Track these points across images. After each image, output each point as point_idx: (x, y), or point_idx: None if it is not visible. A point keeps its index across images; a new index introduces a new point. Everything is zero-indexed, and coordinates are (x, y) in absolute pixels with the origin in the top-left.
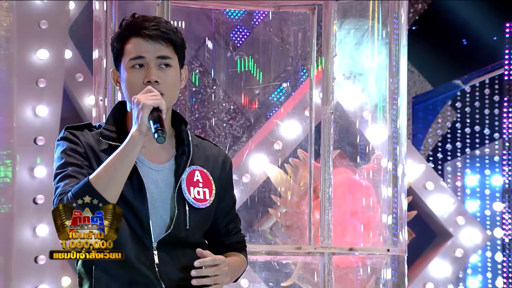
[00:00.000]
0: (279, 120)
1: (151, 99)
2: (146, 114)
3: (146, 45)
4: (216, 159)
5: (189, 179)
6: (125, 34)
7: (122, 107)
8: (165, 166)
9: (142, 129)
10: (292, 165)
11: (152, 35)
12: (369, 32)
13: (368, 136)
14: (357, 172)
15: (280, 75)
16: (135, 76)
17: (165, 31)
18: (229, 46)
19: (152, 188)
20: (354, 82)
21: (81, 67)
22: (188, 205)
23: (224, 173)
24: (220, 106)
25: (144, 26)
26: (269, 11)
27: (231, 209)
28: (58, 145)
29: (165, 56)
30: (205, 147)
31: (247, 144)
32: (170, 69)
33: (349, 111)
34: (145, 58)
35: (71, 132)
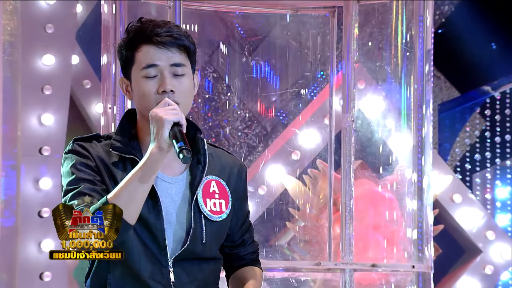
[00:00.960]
0: (297, 128)
1: (172, 114)
2: (167, 130)
3: (158, 52)
4: (231, 168)
5: (205, 191)
6: (135, 41)
7: (132, 115)
8: (179, 178)
9: (163, 146)
10: (311, 176)
11: (165, 42)
12: (392, 35)
13: (392, 145)
14: (380, 183)
15: (298, 81)
16: (148, 86)
17: (178, 36)
18: (244, 50)
19: (166, 202)
20: (376, 89)
21: (88, 73)
22: (205, 218)
23: (240, 182)
24: (235, 114)
25: (155, 33)
26: (287, 13)
27: (246, 219)
28: (67, 159)
29: (179, 64)
30: (219, 156)
31: (263, 154)
32: (184, 77)
33: (371, 119)
34: (158, 67)
35: (80, 145)
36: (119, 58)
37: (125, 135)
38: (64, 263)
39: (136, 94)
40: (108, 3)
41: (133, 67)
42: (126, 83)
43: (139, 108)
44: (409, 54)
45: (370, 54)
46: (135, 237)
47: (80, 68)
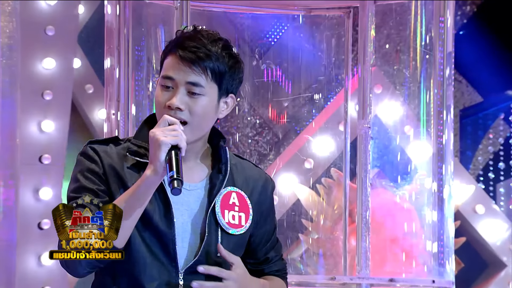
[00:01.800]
0: (311, 135)
1: (170, 136)
2: (163, 153)
3: (178, 66)
4: (256, 182)
5: (224, 201)
6: (168, 47)
7: (153, 120)
8: (198, 185)
9: (158, 169)
10: (325, 185)
11: (185, 58)
12: (411, 37)
13: (410, 153)
14: (398, 193)
15: (312, 85)
16: (162, 95)
17: (203, 56)
18: (255, 53)
19: (182, 210)
20: (394, 93)
21: (91, 78)
22: (221, 229)
23: (265, 197)
24: (245, 120)
25: (182, 45)
26: (299, 14)
27: (271, 236)
28: (77, 162)
29: (196, 83)
30: (244, 167)
31: (274, 162)
32: (200, 98)
33: (388, 125)
34: (175, 80)
35: (92, 148)
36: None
37: (144, 139)
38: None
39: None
40: (111, 4)
41: (161, 72)
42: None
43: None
44: (428, 57)
45: (387, 57)
46: (143, 246)
47: (82, 72)
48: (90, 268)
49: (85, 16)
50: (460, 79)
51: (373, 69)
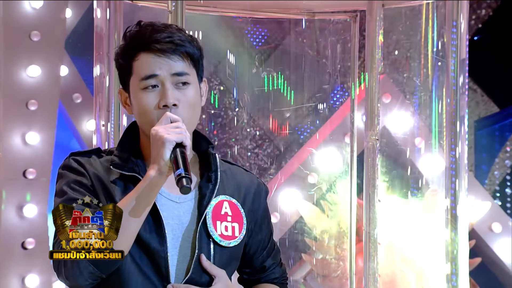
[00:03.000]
0: (314, 148)
1: (174, 133)
2: (167, 151)
3: (158, 61)
4: (248, 188)
5: (216, 212)
6: (132, 48)
7: (136, 128)
8: (188, 197)
9: (163, 169)
10: (330, 202)
11: (165, 49)
12: (422, 43)
13: (421, 167)
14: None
15: (315, 94)
16: (148, 99)
17: (180, 42)
18: (255, 60)
19: (173, 225)
20: (403, 103)
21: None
22: (214, 242)
23: (258, 204)
24: (244, 132)
25: (154, 39)
26: (302, 18)
27: (267, 243)
28: (61, 175)
29: (182, 73)
30: (234, 174)
31: (276, 177)
32: (189, 87)
33: (398, 137)
34: (159, 76)
35: (76, 160)
36: (117, 68)
37: (127, 150)
38: None
39: (135, 108)
40: (101, 7)
41: (131, 78)
42: (125, 95)
43: (139, 123)
44: (440, 64)
45: (396, 64)
46: (132, 265)
47: (70, 80)
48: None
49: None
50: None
51: (381, 77)
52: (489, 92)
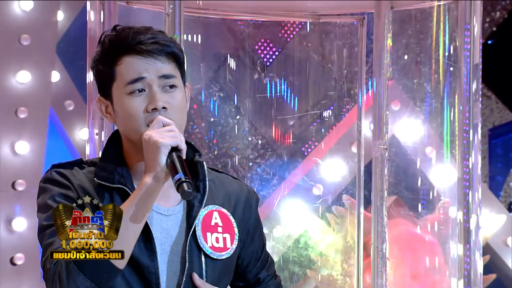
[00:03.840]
0: (319, 158)
1: (169, 137)
2: (164, 156)
3: (144, 63)
4: (238, 196)
5: (206, 223)
6: (113, 52)
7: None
8: (176, 209)
9: (160, 176)
10: (336, 215)
11: (151, 50)
12: (433, 47)
13: (432, 178)
14: (419, 224)
15: (321, 101)
16: (135, 103)
17: (165, 42)
18: (257, 65)
19: (161, 239)
20: (413, 110)
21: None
22: (205, 255)
23: (249, 212)
24: (245, 141)
25: (138, 40)
26: (307, 21)
27: (260, 254)
28: (43, 189)
29: (170, 75)
30: (222, 182)
31: (278, 188)
32: (176, 90)
33: (407, 146)
34: (146, 79)
35: (59, 172)
36: (95, 75)
37: (112, 161)
38: None
39: (120, 115)
40: (94, 10)
41: (113, 83)
42: (106, 103)
43: (124, 131)
44: (452, 69)
45: (406, 69)
46: (122, 283)
47: (62, 86)
48: None
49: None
50: (488, 94)
51: (390, 83)
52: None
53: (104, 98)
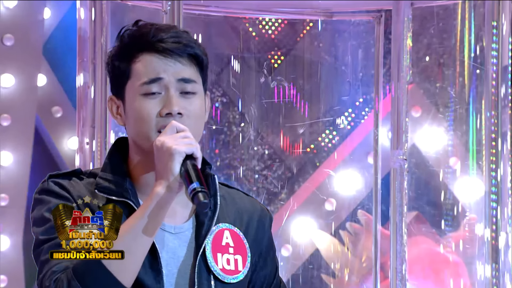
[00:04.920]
0: (332, 170)
1: (184, 144)
2: (177, 164)
3: (163, 63)
4: (250, 215)
5: (216, 243)
6: (132, 48)
7: (123, 146)
8: (184, 226)
9: (173, 186)
10: (351, 232)
11: (173, 49)
12: (457, 47)
13: (457, 192)
14: (442, 242)
15: (333, 107)
16: (149, 106)
17: (188, 43)
18: (263, 68)
19: (167, 259)
20: (436, 117)
21: (59, 98)
22: (215, 278)
23: (262, 233)
24: (251, 151)
25: (159, 38)
26: (318, 19)
27: (273, 279)
28: (40, 201)
29: (189, 79)
30: (234, 198)
31: (287, 203)
32: (194, 97)
33: (429, 157)
34: (163, 80)
35: (56, 183)
36: (109, 72)
37: (115, 171)
38: None
39: (131, 118)
40: (85, 7)
41: (128, 82)
42: (118, 103)
43: (134, 136)
44: (479, 72)
45: (427, 72)
46: None
47: (48, 91)
48: None
49: (52, 22)
50: None
51: (410, 87)
52: None
53: (116, 98)
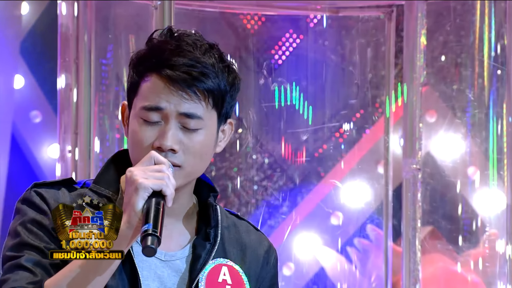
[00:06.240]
0: (339, 180)
1: (153, 178)
2: (141, 199)
3: (169, 91)
4: (254, 251)
5: (211, 279)
6: (144, 63)
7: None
8: (177, 254)
9: (132, 222)
10: (359, 249)
11: (178, 80)
12: (476, 46)
13: (476, 205)
14: (460, 260)
15: (340, 111)
16: (146, 134)
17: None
18: (263, 68)
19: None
20: (453, 123)
21: (38, 102)
22: None
23: (265, 272)
24: (249, 159)
25: (170, 63)
26: (323, 15)
27: None
28: (18, 211)
29: (192, 115)
30: (239, 232)
31: (289, 217)
32: (198, 132)
33: (445, 166)
34: (163, 111)
35: (38, 193)
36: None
37: (109, 185)
38: None
39: (130, 137)
40: (67, 2)
41: (135, 98)
42: (127, 113)
43: (131, 155)
44: (500, 73)
45: (444, 72)
46: None
47: (26, 93)
48: None
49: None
50: None
51: (424, 90)
52: None
53: (127, 106)
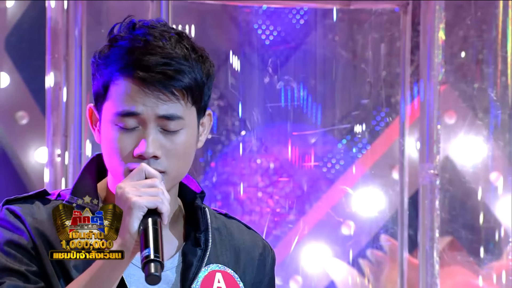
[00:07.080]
0: (350, 187)
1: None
2: (136, 220)
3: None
4: (249, 253)
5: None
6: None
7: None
8: (166, 264)
9: (128, 245)
10: (372, 261)
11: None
12: (498, 41)
13: (499, 213)
14: (481, 273)
15: (351, 112)
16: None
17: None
18: (268, 65)
19: None
20: (474, 124)
21: (25, 102)
22: None
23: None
24: (253, 164)
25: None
26: (333, 8)
27: None
28: None
29: (173, 116)
30: (231, 233)
31: (297, 226)
32: (179, 134)
33: (466, 171)
34: (140, 116)
35: (11, 211)
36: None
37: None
38: None
39: (104, 145)
40: None
41: (105, 103)
42: (96, 118)
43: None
44: None
45: (464, 70)
46: None
47: (12, 93)
48: None
49: (15, 11)
50: None
51: (442, 89)
52: None
53: (95, 110)
